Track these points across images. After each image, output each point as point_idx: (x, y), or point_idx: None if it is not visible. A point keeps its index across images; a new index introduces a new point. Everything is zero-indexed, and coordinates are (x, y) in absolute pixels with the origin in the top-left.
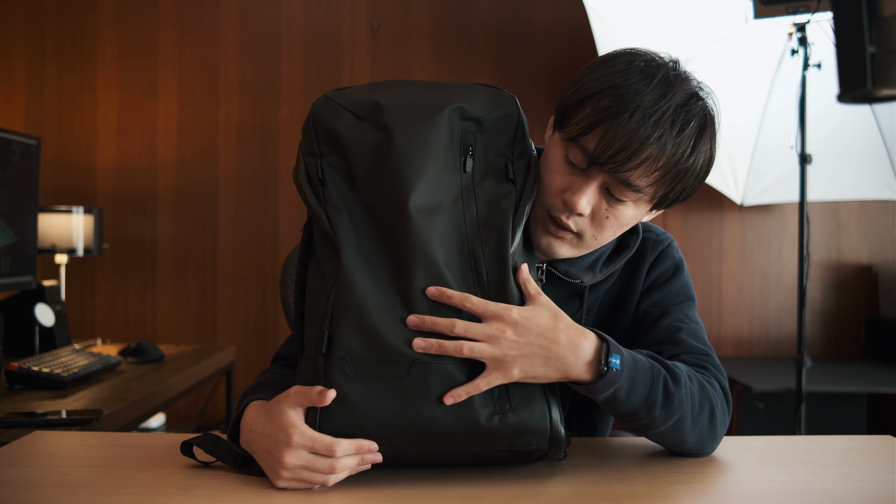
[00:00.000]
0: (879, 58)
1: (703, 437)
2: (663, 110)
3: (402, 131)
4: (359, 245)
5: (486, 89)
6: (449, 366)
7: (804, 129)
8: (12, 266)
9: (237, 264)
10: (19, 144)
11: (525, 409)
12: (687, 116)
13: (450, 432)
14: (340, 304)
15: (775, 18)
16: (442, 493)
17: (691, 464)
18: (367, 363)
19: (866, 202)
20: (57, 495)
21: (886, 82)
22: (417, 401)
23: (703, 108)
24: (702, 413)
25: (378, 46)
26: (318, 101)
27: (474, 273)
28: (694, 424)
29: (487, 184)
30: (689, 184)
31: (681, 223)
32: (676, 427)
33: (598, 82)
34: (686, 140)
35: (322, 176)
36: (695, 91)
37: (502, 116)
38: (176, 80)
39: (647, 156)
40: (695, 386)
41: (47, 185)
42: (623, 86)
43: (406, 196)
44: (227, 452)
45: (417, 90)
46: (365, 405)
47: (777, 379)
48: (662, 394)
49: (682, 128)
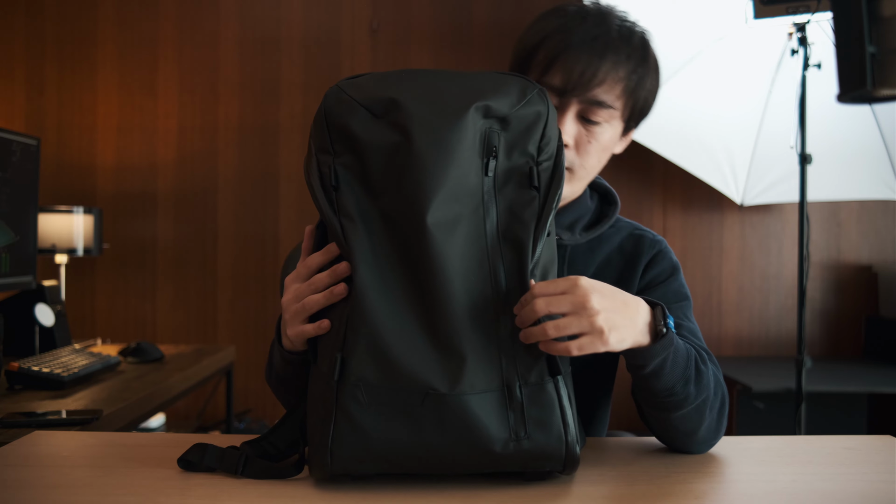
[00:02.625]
0: (880, 58)
1: (713, 426)
2: (607, 31)
3: (422, 135)
4: (374, 259)
5: (514, 81)
6: (465, 397)
7: (804, 129)
8: (12, 266)
9: (237, 264)
10: (19, 144)
11: (541, 434)
12: (629, 31)
13: (464, 460)
14: (353, 328)
15: (775, 18)
16: (442, 494)
17: (691, 464)
18: (381, 391)
19: (866, 202)
20: (57, 495)
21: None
22: (431, 430)
23: (637, 25)
24: (716, 398)
25: (378, 46)
26: (331, 93)
27: (493, 289)
28: (712, 409)
29: (509, 189)
30: (650, 89)
31: (681, 223)
32: (700, 407)
33: (543, 30)
34: (636, 50)
35: (336, 180)
36: (624, 15)
37: (531, 113)
38: (176, 80)
39: (608, 69)
40: (710, 370)
41: (47, 185)
42: (566, 25)
43: (424, 209)
44: (218, 458)
45: (440, 83)
46: (378, 433)
47: (777, 379)
48: (695, 369)
49: (628, 40)
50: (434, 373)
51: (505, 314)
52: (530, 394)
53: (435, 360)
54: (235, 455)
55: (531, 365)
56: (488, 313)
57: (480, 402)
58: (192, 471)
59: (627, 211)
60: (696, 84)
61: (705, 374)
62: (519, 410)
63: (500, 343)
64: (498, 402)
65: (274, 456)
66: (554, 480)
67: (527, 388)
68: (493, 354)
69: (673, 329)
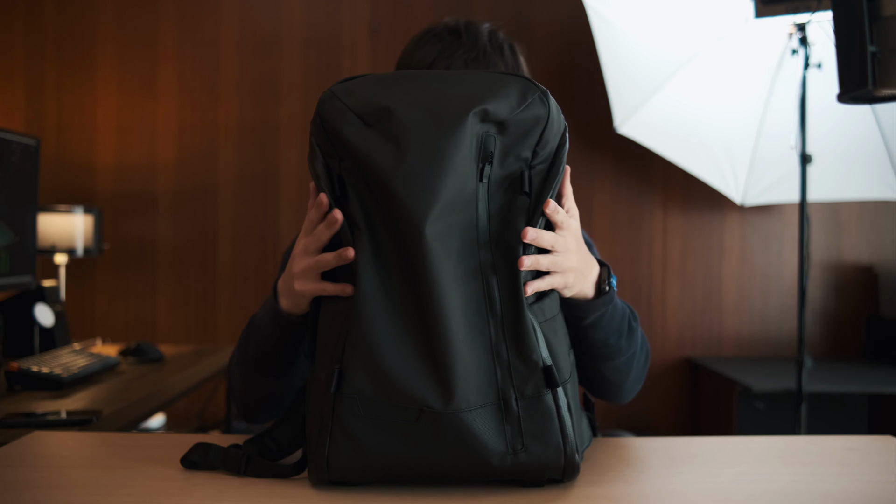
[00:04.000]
0: (881, 57)
1: (638, 377)
2: (483, 48)
3: (416, 145)
4: (377, 269)
5: (515, 83)
6: (461, 414)
7: (804, 130)
8: (12, 266)
9: (237, 264)
10: (19, 144)
11: (538, 446)
12: (499, 44)
13: (461, 473)
14: (352, 342)
15: (776, 18)
16: (442, 495)
17: (691, 464)
18: (377, 405)
19: (867, 202)
20: (56, 495)
21: (887, 82)
22: (427, 445)
23: (500, 33)
24: (641, 352)
25: (378, 46)
26: (325, 98)
27: (487, 300)
28: (637, 362)
29: (501, 195)
30: (490, 53)
31: (681, 223)
32: (629, 360)
33: (426, 57)
34: (508, 59)
35: (342, 188)
36: (490, 28)
37: (530, 118)
38: (176, 80)
39: None
40: (638, 328)
41: (47, 185)
42: (446, 51)
43: (422, 221)
44: (221, 458)
45: (437, 87)
46: (374, 445)
47: (777, 379)
48: (628, 325)
49: (500, 51)
50: (428, 390)
51: (500, 325)
52: (527, 406)
53: (430, 378)
54: (238, 455)
55: (527, 377)
56: (483, 326)
57: (476, 418)
58: (194, 470)
59: (627, 211)
60: (697, 84)
61: (636, 330)
62: (516, 424)
63: (496, 356)
64: (494, 416)
65: (276, 453)
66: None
67: (523, 401)
68: (488, 368)
69: (615, 288)
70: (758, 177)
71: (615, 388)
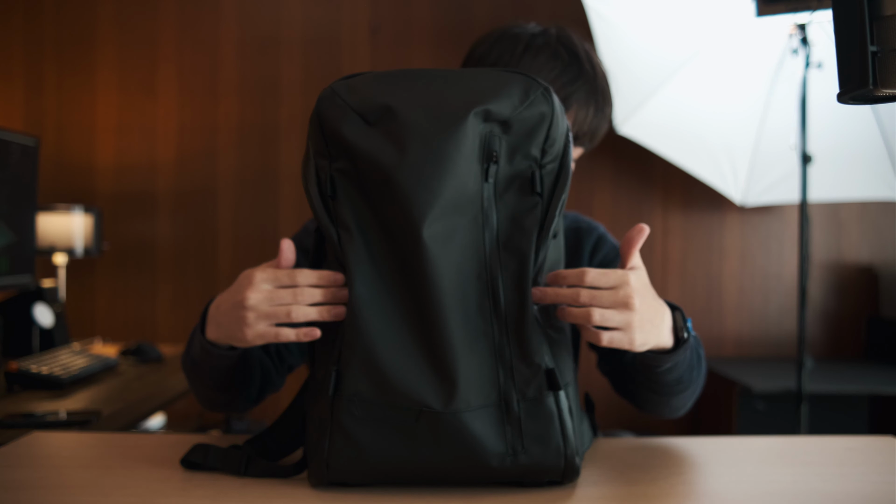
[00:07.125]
0: (881, 57)
1: (695, 397)
2: (600, 82)
3: (418, 145)
4: (371, 272)
5: (517, 81)
6: (461, 415)
7: (805, 130)
8: (11, 266)
9: (237, 264)
10: (18, 144)
11: (538, 449)
12: (572, 45)
13: (461, 475)
14: (348, 344)
15: (777, 16)
16: (442, 495)
17: (692, 464)
18: (375, 407)
19: (867, 202)
20: (56, 496)
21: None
22: (427, 447)
23: (572, 35)
24: (702, 371)
25: (378, 46)
26: (324, 96)
27: (491, 301)
28: (700, 382)
29: (510, 195)
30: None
31: (681, 223)
32: (696, 390)
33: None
34: (585, 60)
35: (333, 188)
36: (556, 28)
37: (534, 115)
38: (175, 81)
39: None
40: (702, 350)
41: (46, 185)
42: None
43: (420, 222)
44: (221, 458)
45: (438, 87)
46: (373, 447)
47: (777, 379)
48: (696, 355)
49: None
50: (428, 391)
51: (504, 327)
52: (529, 408)
53: (430, 378)
54: (238, 455)
55: (530, 379)
56: (486, 327)
57: (476, 419)
58: (194, 471)
59: (627, 211)
60: (697, 83)
61: (703, 358)
62: (516, 425)
63: (499, 357)
64: (495, 417)
65: (276, 452)
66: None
67: (525, 403)
68: (490, 369)
69: (692, 332)
70: (758, 177)
71: (677, 410)
